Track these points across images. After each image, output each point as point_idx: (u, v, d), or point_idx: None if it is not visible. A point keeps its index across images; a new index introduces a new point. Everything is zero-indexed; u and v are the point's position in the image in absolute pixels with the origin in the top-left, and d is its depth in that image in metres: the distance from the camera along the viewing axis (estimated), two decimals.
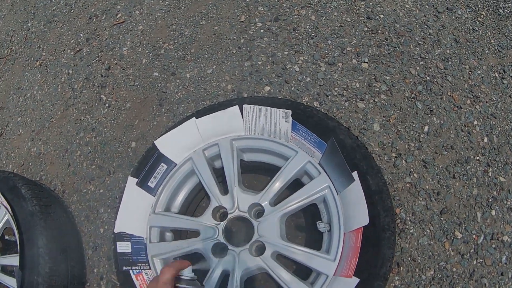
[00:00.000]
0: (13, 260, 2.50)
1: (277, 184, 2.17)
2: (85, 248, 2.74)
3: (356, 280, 1.87)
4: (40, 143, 3.21)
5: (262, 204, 2.17)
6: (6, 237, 2.90)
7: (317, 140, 2.13)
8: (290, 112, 2.19)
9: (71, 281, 2.48)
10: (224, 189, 2.30)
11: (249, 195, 2.22)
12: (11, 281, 2.51)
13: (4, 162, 3.30)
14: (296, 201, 2.12)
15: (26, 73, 3.61)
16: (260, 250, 2.14)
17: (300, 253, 2.03)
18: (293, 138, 2.20)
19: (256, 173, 2.58)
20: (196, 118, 2.38)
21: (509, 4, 2.84)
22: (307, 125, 2.17)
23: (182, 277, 1.42)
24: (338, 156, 2.06)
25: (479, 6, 2.84)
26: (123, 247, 2.35)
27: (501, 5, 2.83)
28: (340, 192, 2.05)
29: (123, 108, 3.06)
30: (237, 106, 2.32)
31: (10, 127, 3.42)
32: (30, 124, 3.33)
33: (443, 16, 2.81)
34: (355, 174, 2.01)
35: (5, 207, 2.58)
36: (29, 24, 3.92)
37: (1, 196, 2.60)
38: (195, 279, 1.46)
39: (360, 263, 1.89)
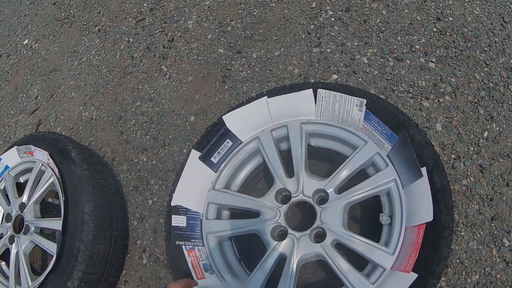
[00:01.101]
0: (55, 223, 2.47)
1: (344, 172, 2.16)
2: (131, 219, 2.75)
3: (414, 276, 1.87)
4: (92, 108, 3.22)
5: (328, 191, 2.16)
6: (50, 200, 2.91)
7: (389, 132, 2.13)
8: (365, 101, 2.19)
9: (113, 251, 2.48)
10: (289, 172, 2.29)
11: (315, 180, 2.21)
12: (50, 245, 2.47)
13: (52, 124, 3.31)
14: (361, 191, 2.11)
15: (84, 37, 3.63)
16: (320, 237, 2.13)
17: (360, 244, 2.02)
18: (364, 127, 2.20)
19: (317, 159, 2.57)
20: (268, 97, 2.38)
21: None
22: (379, 116, 2.17)
23: None
24: (409, 151, 2.06)
25: None
26: (178, 221, 2.35)
27: None
28: (406, 186, 2.04)
29: (184, 81, 3.06)
30: (311, 89, 2.31)
31: (62, 89, 3.43)
32: (83, 88, 3.35)
33: (509, 26, 2.80)
34: (423, 170, 2.01)
35: (52, 169, 2.59)
36: None
37: (49, 158, 2.62)
38: None
39: (419, 259, 1.89)
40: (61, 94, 3.42)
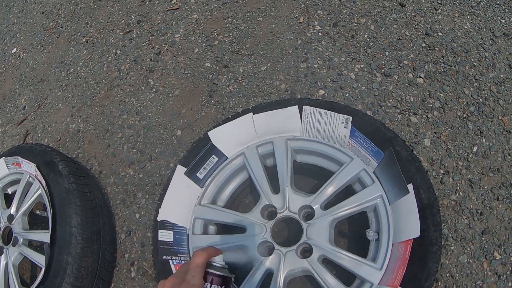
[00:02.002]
0: (43, 236, 2.48)
1: (330, 189, 2.16)
2: (118, 232, 2.75)
3: None
4: (79, 120, 3.21)
5: (314, 207, 2.16)
6: (37, 212, 2.91)
7: (375, 149, 2.13)
8: (350, 118, 2.19)
9: (101, 264, 2.48)
10: (275, 188, 2.29)
11: (301, 196, 2.21)
12: (39, 257, 2.48)
13: (39, 135, 3.31)
14: (348, 207, 2.11)
15: (71, 48, 3.63)
16: (307, 252, 2.13)
17: (347, 259, 2.03)
18: (350, 144, 2.19)
19: (304, 175, 2.56)
20: (254, 114, 2.38)
21: None
22: (365, 133, 2.17)
23: (213, 264, 1.47)
24: (395, 167, 2.06)
25: None
26: (165, 236, 2.35)
27: None
28: (393, 202, 2.04)
29: (171, 95, 3.06)
30: (296, 106, 2.31)
31: (49, 100, 3.43)
32: (71, 100, 3.34)
33: (499, 41, 2.80)
34: (410, 186, 2.00)
35: (39, 181, 2.58)
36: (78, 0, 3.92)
37: (36, 170, 2.61)
38: (226, 267, 1.48)
39: (407, 274, 1.89)
40: (49, 105, 3.41)
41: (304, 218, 2.20)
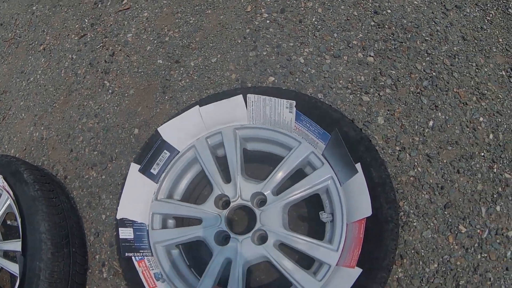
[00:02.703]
0: (15, 245, 2.50)
1: (280, 174, 2.18)
2: (87, 234, 2.76)
3: (358, 271, 1.89)
4: (42, 128, 3.22)
5: (265, 193, 2.18)
6: (8, 222, 2.92)
7: (321, 132, 2.14)
8: (294, 102, 2.20)
9: (73, 267, 2.49)
10: (227, 178, 2.30)
11: (252, 184, 2.22)
12: (13, 267, 2.51)
13: (6, 146, 3.31)
14: (299, 191, 2.12)
15: (30, 57, 3.63)
16: (263, 239, 2.15)
17: (303, 243, 2.05)
18: (296, 128, 2.20)
19: (260, 162, 2.57)
20: (200, 106, 2.39)
21: None
22: (311, 116, 2.18)
23: None
24: (342, 148, 2.07)
25: (488, 5, 2.83)
26: (125, 233, 2.37)
27: (510, 5, 2.82)
28: (343, 183, 2.05)
29: (126, 94, 3.07)
30: (241, 95, 2.32)
31: (13, 111, 3.43)
32: (32, 109, 3.34)
33: (451, 14, 2.80)
34: (358, 165, 2.02)
35: (7, 192, 2.59)
36: (34, 8, 3.94)
37: (3, 181, 2.61)
38: None
39: (363, 254, 1.91)
40: (12, 116, 3.41)
41: (257, 205, 2.22)
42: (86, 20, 3.57)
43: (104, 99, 3.11)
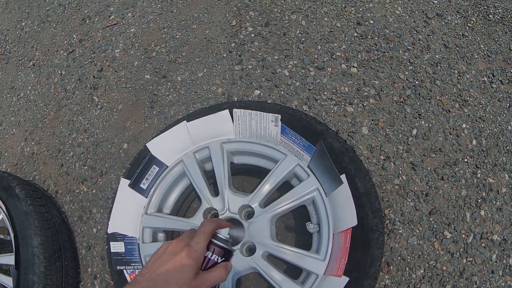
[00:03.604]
0: (8, 259, 2.52)
1: (266, 186, 2.20)
2: (79, 248, 2.77)
3: (345, 279, 1.92)
4: (33, 143, 3.23)
5: (252, 206, 2.20)
6: (1, 236, 2.93)
7: (306, 144, 2.16)
8: (279, 116, 2.22)
9: (65, 280, 2.52)
10: (215, 191, 2.34)
11: (239, 196, 2.25)
12: (7, 280, 2.54)
13: None
14: (286, 202, 2.15)
15: (20, 72, 3.64)
16: (251, 250, 2.18)
17: (290, 253, 2.07)
18: (282, 141, 2.23)
19: (247, 175, 2.61)
20: (187, 122, 2.41)
21: (499, 10, 2.86)
22: (296, 129, 2.20)
23: (218, 235, 1.45)
24: (327, 159, 2.09)
25: (469, 12, 2.87)
26: (117, 247, 2.38)
27: (491, 11, 2.86)
28: (329, 194, 2.08)
29: (115, 110, 3.09)
30: (227, 110, 2.35)
31: (4, 126, 3.44)
32: (23, 124, 3.36)
33: (432, 22, 2.84)
34: (343, 176, 2.05)
35: (0, 207, 2.60)
36: (23, 24, 3.95)
37: None
38: (229, 241, 1.47)
39: (350, 263, 1.94)
40: (3, 131, 3.42)
41: (245, 217, 2.25)
42: (75, 36, 3.59)
43: (93, 114, 3.13)
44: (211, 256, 1.39)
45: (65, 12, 3.77)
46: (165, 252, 1.32)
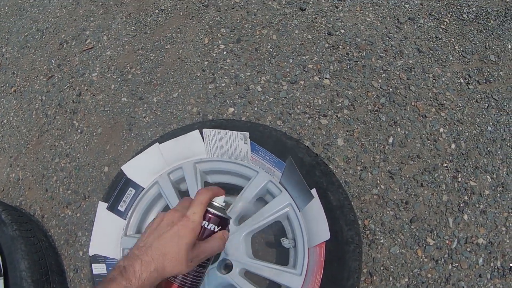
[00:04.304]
0: None
1: (240, 204, 2.21)
2: (67, 270, 2.79)
3: None
4: (18, 169, 3.25)
5: None
6: None
7: (276, 160, 2.17)
8: (248, 134, 2.23)
9: None
10: None
11: None
12: None
13: None
14: (260, 219, 2.15)
15: (2, 99, 3.66)
16: (228, 267, 2.19)
17: (267, 269, 2.07)
18: (253, 159, 2.24)
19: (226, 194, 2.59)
20: (159, 143, 2.43)
21: (473, 9, 2.88)
22: (265, 146, 2.21)
23: (214, 203, 1.43)
24: (296, 175, 2.10)
25: (442, 13, 2.88)
26: (99, 268, 2.40)
27: (464, 10, 2.88)
28: (302, 209, 2.08)
29: (94, 133, 3.11)
30: (197, 130, 2.35)
31: None
32: (8, 150, 3.38)
33: (405, 27, 2.85)
34: (313, 191, 2.04)
35: None
36: (3, 50, 3.97)
37: None
38: (225, 209, 1.47)
39: (326, 276, 1.94)
40: None
41: None
42: (53, 61, 3.61)
43: (74, 139, 3.15)
44: (208, 225, 1.38)
45: (43, 37, 3.80)
46: (161, 224, 1.31)
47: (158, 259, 1.22)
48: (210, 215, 1.39)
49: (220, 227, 1.42)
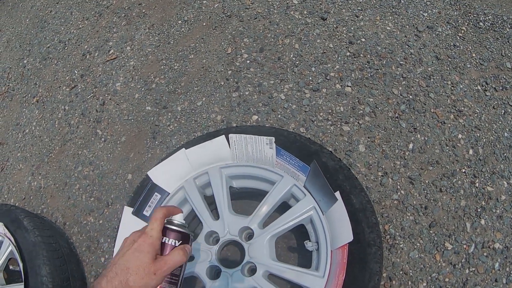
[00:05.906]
0: None
1: (264, 208, 2.23)
2: (88, 277, 2.80)
3: None
4: (40, 178, 3.29)
5: (252, 227, 2.22)
6: (11, 267, 2.96)
7: (301, 164, 2.19)
8: (273, 139, 2.25)
9: None
10: (216, 215, 2.36)
11: (239, 219, 2.27)
12: None
13: (6, 196, 3.37)
14: (284, 222, 2.16)
15: (24, 109, 3.71)
16: (252, 271, 2.19)
17: (290, 272, 2.08)
18: (278, 163, 2.26)
19: (249, 199, 2.62)
20: (186, 149, 2.45)
21: (489, 17, 2.90)
22: (290, 150, 2.23)
23: (173, 221, 1.51)
24: (321, 178, 2.11)
25: (459, 21, 2.90)
26: None
27: (481, 18, 2.89)
28: (325, 212, 2.09)
29: (118, 142, 3.14)
30: (223, 135, 2.38)
31: (11, 162, 3.50)
32: (29, 159, 3.42)
33: (423, 35, 2.87)
34: (337, 194, 2.06)
35: (9, 238, 2.64)
36: (25, 61, 4.02)
37: (5, 228, 2.67)
38: (185, 225, 1.52)
39: (348, 278, 1.94)
40: (11, 166, 3.48)
41: (245, 239, 2.27)
42: (76, 72, 3.66)
43: (98, 147, 3.19)
44: (168, 240, 1.45)
45: (66, 48, 3.85)
46: (125, 244, 1.40)
47: (122, 274, 1.31)
48: (169, 231, 1.47)
49: (181, 241, 1.49)
